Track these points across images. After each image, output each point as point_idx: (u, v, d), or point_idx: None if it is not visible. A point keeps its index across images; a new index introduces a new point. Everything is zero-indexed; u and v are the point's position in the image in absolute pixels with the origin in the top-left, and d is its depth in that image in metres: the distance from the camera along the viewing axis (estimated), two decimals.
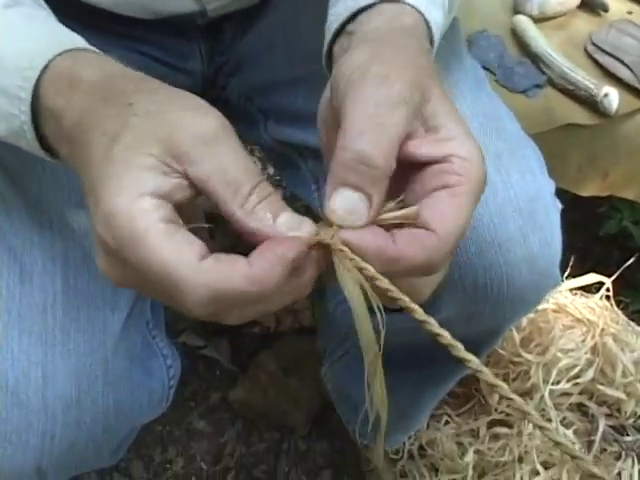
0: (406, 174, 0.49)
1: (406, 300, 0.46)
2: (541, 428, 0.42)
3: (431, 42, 0.58)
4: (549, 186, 0.76)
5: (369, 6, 0.56)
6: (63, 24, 0.57)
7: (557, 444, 0.41)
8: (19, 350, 0.68)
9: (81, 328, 0.70)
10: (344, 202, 0.46)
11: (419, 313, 0.47)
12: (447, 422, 1.26)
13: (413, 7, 0.56)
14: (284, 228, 0.45)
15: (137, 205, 0.43)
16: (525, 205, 0.71)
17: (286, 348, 1.44)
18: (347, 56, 0.51)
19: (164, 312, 1.47)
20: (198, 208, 1.20)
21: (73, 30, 0.55)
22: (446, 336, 0.45)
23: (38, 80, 0.51)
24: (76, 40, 0.54)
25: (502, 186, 0.71)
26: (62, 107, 0.50)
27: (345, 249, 0.46)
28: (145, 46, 0.84)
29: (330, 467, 1.36)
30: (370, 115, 0.46)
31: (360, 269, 0.46)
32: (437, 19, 0.58)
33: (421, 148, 0.48)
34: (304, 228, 0.46)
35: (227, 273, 0.43)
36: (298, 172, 0.87)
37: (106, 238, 0.44)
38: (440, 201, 0.47)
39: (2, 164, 0.71)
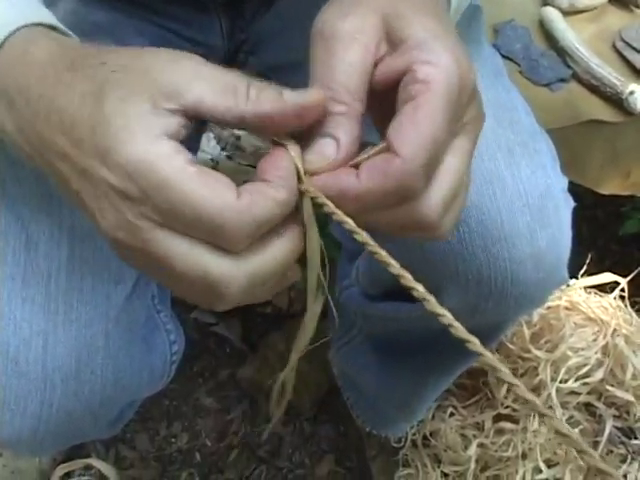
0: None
1: (383, 254, 0.45)
2: (544, 416, 0.41)
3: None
4: (561, 182, 0.75)
5: None
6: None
7: (559, 433, 0.40)
8: (22, 318, 0.68)
9: (84, 299, 0.70)
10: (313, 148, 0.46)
11: (407, 279, 0.45)
12: (452, 414, 1.26)
13: None
14: (292, 97, 0.45)
15: (157, 149, 0.42)
16: (534, 201, 0.70)
17: (297, 330, 1.44)
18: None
19: None
20: None
21: (95, 3, 0.54)
22: (448, 316, 0.43)
23: None
24: (42, 14, 0.53)
25: (512, 180, 0.70)
26: (15, 77, 0.49)
27: (318, 194, 0.45)
28: (166, 20, 0.84)
29: (333, 451, 1.36)
30: (331, 57, 0.47)
31: (332, 214, 0.45)
32: None
33: (390, 66, 0.46)
34: (311, 92, 0.45)
35: (262, 203, 0.43)
36: None
37: (129, 190, 0.43)
38: (402, 117, 0.44)
39: None
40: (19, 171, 0.72)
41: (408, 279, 0.45)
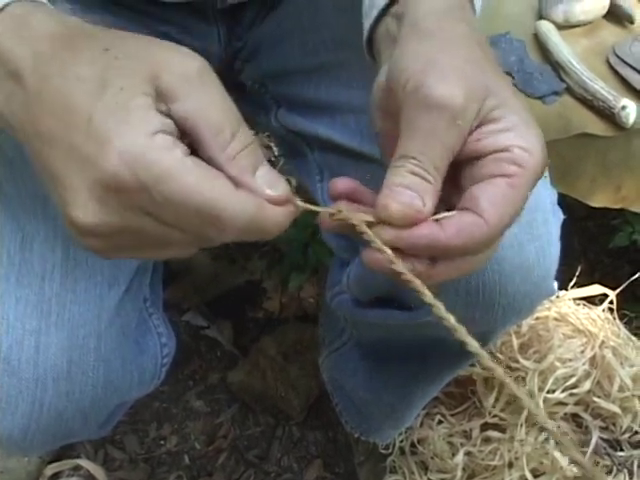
0: (462, 167, 0.50)
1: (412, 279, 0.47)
2: (533, 413, 0.42)
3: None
4: (550, 196, 0.76)
5: None
6: (86, 3, 0.56)
7: (544, 429, 0.41)
8: (15, 318, 0.69)
9: (77, 300, 0.71)
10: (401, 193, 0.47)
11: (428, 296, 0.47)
12: (440, 421, 1.27)
13: None
14: (262, 183, 0.45)
15: (154, 143, 0.42)
16: (523, 214, 0.71)
17: (288, 335, 1.45)
18: (401, 52, 0.51)
19: (170, 292, 1.48)
20: None
21: (94, 7, 0.54)
22: (450, 319, 0.45)
23: None
24: None
25: None
26: (10, 48, 0.47)
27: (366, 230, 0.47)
28: (163, 25, 0.85)
29: (322, 457, 1.36)
30: (428, 132, 0.47)
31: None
32: None
33: (482, 141, 0.48)
34: (280, 188, 0.46)
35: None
36: (305, 161, 0.88)
37: (123, 175, 0.42)
38: (497, 189, 0.47)
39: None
40: (15, 172, 0.72)
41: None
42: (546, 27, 1.16)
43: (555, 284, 0.78)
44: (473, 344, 0.44)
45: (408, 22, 0.52)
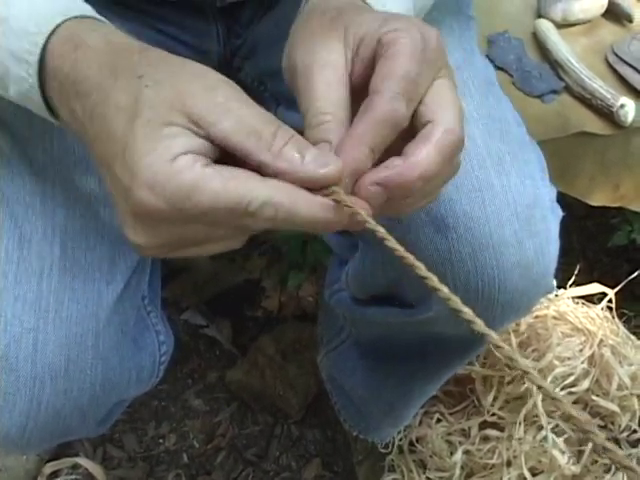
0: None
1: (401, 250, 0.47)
2: (540, 388, 0.41)
3: None
4: (549, 193, 0.76)
5: None
6: (88, 1, 0.57)
7: (569, 417, 0.40)
8: (12, 315, 0.69)
9: (75, 297, 0.71)
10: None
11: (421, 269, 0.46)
12: (439, 420, 1.27)
13: None
14: (312, 166, 0.46)
15: (176, 167, 0.45)
16: (522, 210, 0.71)
17: (287, 333, 1.45)
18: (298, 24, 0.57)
19: (169, 290, 1.48)
20: None
21: (95, 6, 0.56)
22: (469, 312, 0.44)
23: (45, 44, 0.52)
24: (83, 7, 0.55)
25: (501, 189, 0.71)
26: (67, 73, 0.51)
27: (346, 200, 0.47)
28: (163, 24, 0.85)
29: (320, 455, 1.36)
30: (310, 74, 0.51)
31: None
32: None
33: (357, 64, 0.52)
34: (331, 165, 0.47)
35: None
36: None
37: (156, 205, 0.45)
38: (377, 68, 0.50)
39: (11, 131, 0.72)
40: (14, 170, 0.72)
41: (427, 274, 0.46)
42: (545, 26, 1.16)
43: (554, 281, 0.78)
44: (470, 314, 0.43)
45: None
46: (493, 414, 1.24)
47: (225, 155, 0.47)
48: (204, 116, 0.46)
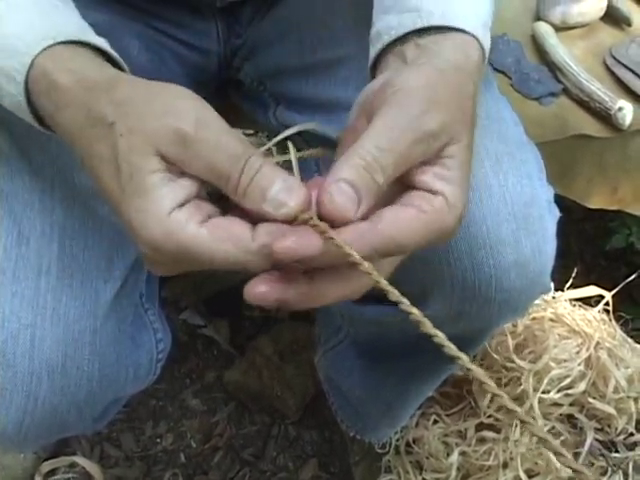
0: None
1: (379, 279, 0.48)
2: (524, 422, 0.42)
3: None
4: (546, 193, 0.76)
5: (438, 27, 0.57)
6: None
7: (540, 439, 0.41)
8: (10, 312, 0.69)
9: (73, 295, 0.71)
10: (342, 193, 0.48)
11: (394, 294, 0.49)
12: (436, 421, 1.27)
13: (475, 38, 0.58)
14: (271, 208, 0.47)
15: (170, 226, 0.47)
16: (519, 209, 0.71)
17: (285, 334, 1.45)
18: (411, 70, 0.54)
19: (168, 289, 1.49)
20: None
21: (94, 4, 0.56)
22: (429, 325, 0.46)
23: (31, 66, 0.54)
24: (72, 30, 0.56)
25: (498, 189, 0.71)
26: (51, 115, 0.54)
27: (325, 228, 0.46)
28: (163, 23, 0.85)
29: (317, 456, 1.37)
30: (395, 137, 0.49)
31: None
32: (488, 44, 0.60)
33: (423, 175, 0.50)
34: (291, 202, 0.47)
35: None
36: (303, 160, 0.88)
37: (159, 258, 0.49)
38: (405, 213, 0.49)
39: (9, 129, 0.73)
40: (13, 168, 0.72)
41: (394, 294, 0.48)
42: (543, 28, 1.17)
43: (551, 281, 0.78)
44: (465, 359, 0.44)
45: (428, 54, 0.56)
46: (490, 416, 1.24)
47: None
48: (176, 160, 0.48)
